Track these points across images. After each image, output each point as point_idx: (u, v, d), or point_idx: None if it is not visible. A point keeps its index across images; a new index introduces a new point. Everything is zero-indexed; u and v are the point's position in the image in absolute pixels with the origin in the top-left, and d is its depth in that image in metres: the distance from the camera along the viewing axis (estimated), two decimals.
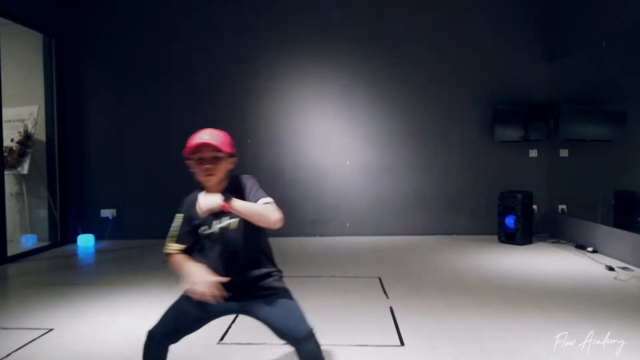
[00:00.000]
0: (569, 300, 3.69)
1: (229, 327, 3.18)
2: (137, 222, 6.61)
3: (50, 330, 3.20)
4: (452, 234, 6.58)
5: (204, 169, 2.00)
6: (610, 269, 4.56)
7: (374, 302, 3.75)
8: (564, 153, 6.24)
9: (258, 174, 6.55)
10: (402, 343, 2.92)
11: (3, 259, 5.25)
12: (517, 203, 5.80)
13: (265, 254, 2.12)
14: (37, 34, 6.16)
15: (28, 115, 6.13)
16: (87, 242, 6.24)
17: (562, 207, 6.27)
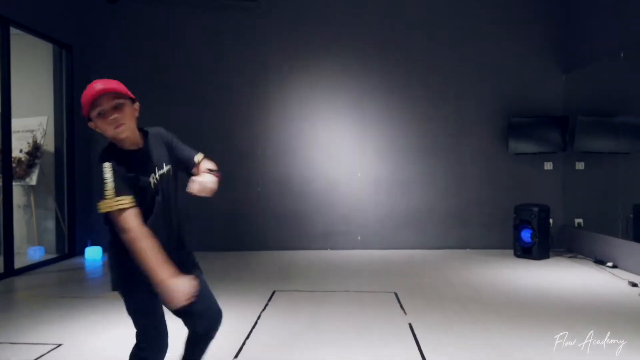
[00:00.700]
0: (594, 318, 3.55)
1: (244, 343, 3.06)
2: None
3: (59, 346, 3.09)
4: (465, 248, 6.45)
5: (111, 121, 1.74)
6: (634, 285, 4.42)
7: (392, 317, 3.62)
8: (580, 166, 6.12)
9: (268, 186, 6.53)
10: (423, 359, 2.80)
11: (10, 272, 5.16)
12: (533, 216, 5.68)
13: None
14: (47, 44, 6.14)
15: (37, 126, 6.08)
16: (95, 254, 6.13)
17: (578, 221, 6.14)
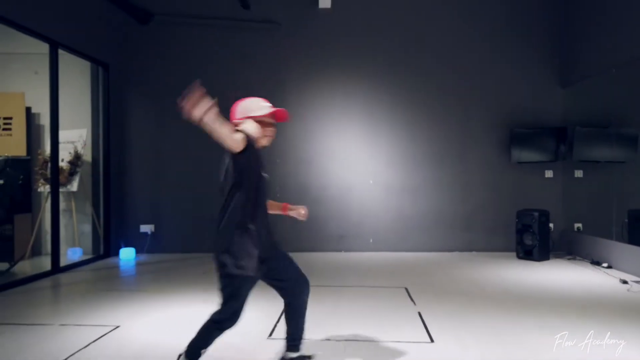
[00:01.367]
0: (586, 308, 4.00)
1: (275, 325, 3.54)
2: (172, 237, 7.05)
3: (117, 327, 3.60)
4: (471, 250, 6.90)
5: (270, 133, 2.46)
6: (624, 282, 4.84)
7: (403, 307, 4.09)
8: (579, 174, 6.56)
9: (286, 192, 7.03)
10: (431, 340, 3.26)
11: (57, 269, 5.70)
12: (534, 221, 6.11)
13: None
14: (85, 62, 6.72)
15: (78, 137, 6.66)
16: (128, 255, 6.68)
17: (577, 225, 6.56)
